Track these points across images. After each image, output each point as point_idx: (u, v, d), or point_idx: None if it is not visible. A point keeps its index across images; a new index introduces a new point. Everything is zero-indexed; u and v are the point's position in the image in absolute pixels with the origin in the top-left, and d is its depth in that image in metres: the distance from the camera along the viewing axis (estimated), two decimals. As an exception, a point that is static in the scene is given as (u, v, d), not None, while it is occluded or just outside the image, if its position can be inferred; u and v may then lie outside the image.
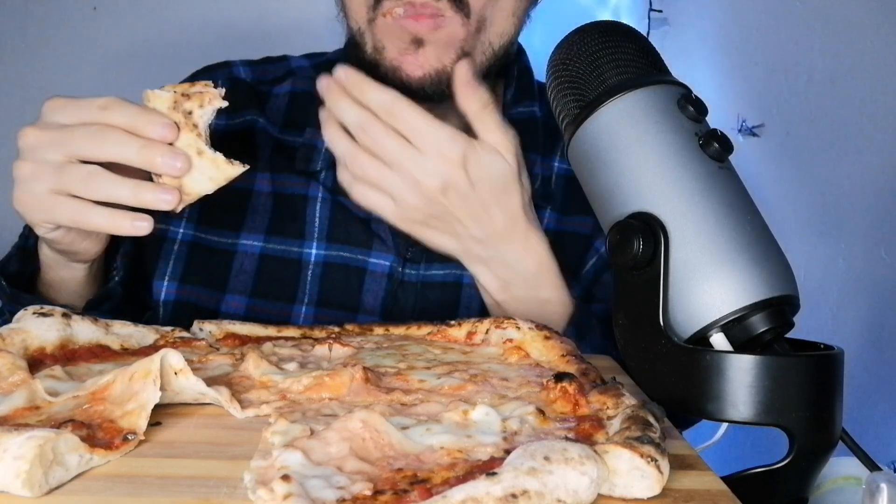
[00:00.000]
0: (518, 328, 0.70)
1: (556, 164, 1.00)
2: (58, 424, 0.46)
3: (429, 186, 0.79)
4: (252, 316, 0.90)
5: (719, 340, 0.60)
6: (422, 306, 0.93)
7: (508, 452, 0.42)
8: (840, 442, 0.59)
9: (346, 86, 0.80)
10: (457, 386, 0.57)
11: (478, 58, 0.88)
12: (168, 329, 0.71)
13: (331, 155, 0.96)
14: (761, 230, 0.62)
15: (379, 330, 0.76)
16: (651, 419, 0.47)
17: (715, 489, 0.44)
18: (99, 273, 0.86)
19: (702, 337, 0.60)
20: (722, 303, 0.59)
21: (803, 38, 1.61)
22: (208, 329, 0.73)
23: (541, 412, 0.50)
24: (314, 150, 0.97)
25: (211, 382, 0.53)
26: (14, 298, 0.81)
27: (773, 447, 0.60)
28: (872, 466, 0.59)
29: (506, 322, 0.71)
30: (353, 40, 0.92)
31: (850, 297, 1.65)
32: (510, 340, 0.69)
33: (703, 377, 0.57)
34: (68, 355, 0.61)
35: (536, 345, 0.67)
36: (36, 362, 0.58)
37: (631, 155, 0.64)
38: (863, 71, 1.61)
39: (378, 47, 0.88)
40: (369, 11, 0.88)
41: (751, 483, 0.57)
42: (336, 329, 0.76)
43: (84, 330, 0.64)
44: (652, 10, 1.56)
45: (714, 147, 0.62)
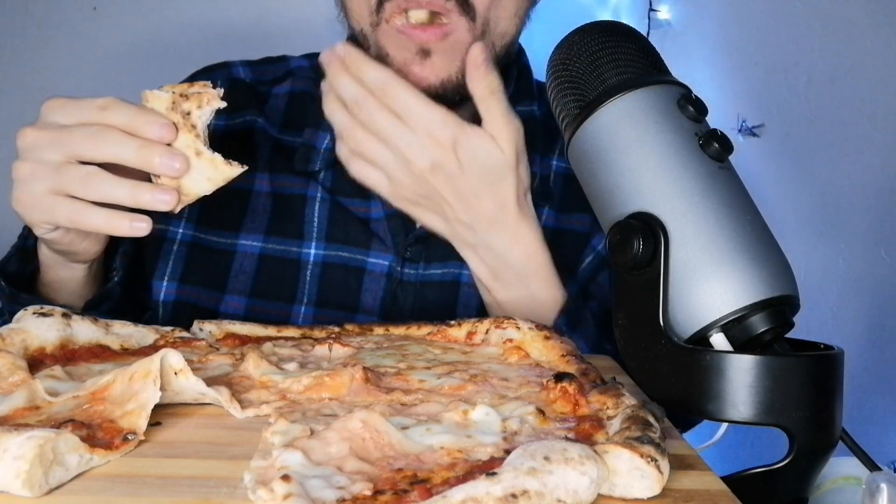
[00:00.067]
0: (518, 328, 0.70)
1: (555, 163, 1.00)
2: (58, 424, 0.46)
3: (418, 166, 0.80)
4: (251, 316, 0.90)
5: (719, 340, 0.60)
6: (421, 306, 0.93)
7: (508, 452, 0.42)
8: (840, 442, 0.59)
9: (345, 59, 0.81)
10: (457, 386, 0.57)
11: None
12: (168, 329, 0.71)
13: (329, 155, 0.96)
14: (761, 230, 0.62)
15: (379, 330, 0.76)
16: (651, 419, 0.47)
17: (715, 489, 0.44)
18: (98, 273, 0.86)
19: (702, 337, 0.60)
20: (722, 303, 0.59)
21: (803, 38, 1.61)
22: (208, 329, 0.73)
23: (541, 412, 0.50)
24: (313, 151, 0.97)
25: (211, 382, 0.53)
26: (13, 299, 0.81)
27: (773, 447, 0.60)
28: (872, 466, 0.59)
29: (506, 322, 0.71)
30: (356, 40, 0.92)
31: (850, 297, 1.65)
32: (510, 340, 0.69)
33: (703, 377, 0.57)
34: (68, 355, 0.61)
35: (536, 345, 0.67)
36: (36, 362, 0.58)
37: (631, 155, 0.64)
38: (863, 71, 1.61)
39: (382, 54, 0.87)
40: (371, 14, 0.87)
41: (751, 483, 0.57)
42: (336, 329, 0.76)
43: (84, 330, 0.64)
44: (652, 10, 1.56)
45: (714, 147, 0.62)
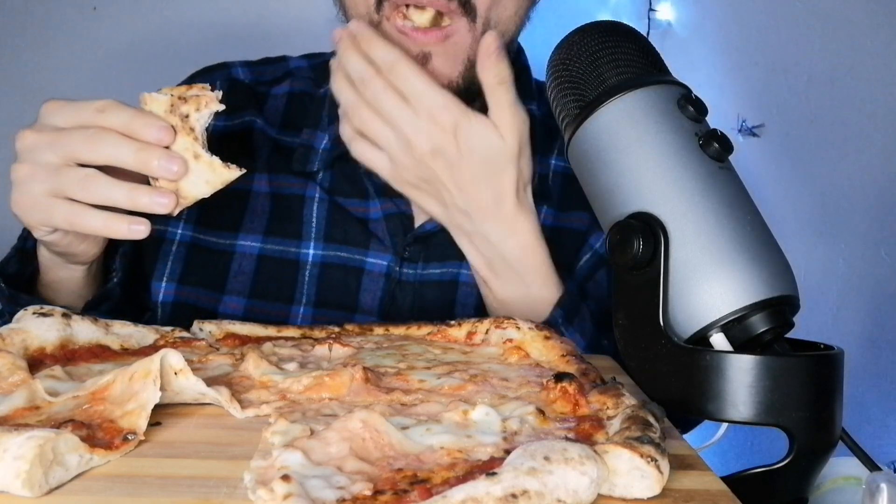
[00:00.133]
0: (518, 328, 0.70)
1: (553, 162, 1.00)
2: (58, 424, 0.46)
3: (419, 148, 0.80)
4: (250, 317, 0.90)
5: (719, 340, 0.60)
6: (419, 305, 0.93)
7: (508, 452, 0.42)
8: (840, 442, 0.59)
9: (357, 36, 0.81)
10: (457, 386, 0.57)
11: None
12: (168, 329, 0.71)
13: (328, 155, 0.96)
14: (761, 230, 0.62)
15: (379, 330, 0.76)
16: (651, 419, 0.47)
17: (715, 489, 0.44)
18: (98, 274, 0.86)
19: (702, 337, 0.60)
20: (722, 303, 0.59)
21: (803, 38, 1.61)
22: (208, 329, 0.73)
23: (541, 412, 0.50)
24: (311, 151, 0.97)
25: (211, 382, 0.53)
26: (13, 299, 0.81)
27: (773, 447, 0.60)
28: (872, 466, 0.59)
29: (506, 322, 0.71)
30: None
31: (850, 297, 1.65)
32: (510, 340, 0.69)
33: (703, 377, 0.57)
34: (68, 355, 0.61)
35: (536, 345, 0.67)
36: (36, 362, 0.58)
37: (631, 155, 0.64)
38: (863, 71, 1.61)
39: None
40: (370, 13, 0.86)
41: (751, 483, 0.57)
42: (336, 329, 0.76)
43: (84, 330, 0.64)
44: (652, 10, 1.56)
45: (714, 147, 0.62)
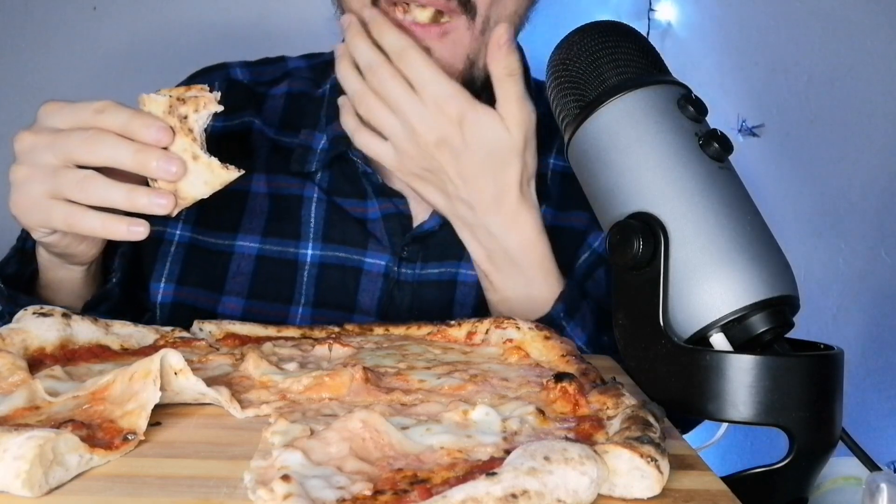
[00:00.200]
0: (518, 328, 0.70)
1: (552, 162, 1.00)
2: (58, 424, 0.46)
3: (424, 137, 0.80)
4: (249, 317, 0.90)
5: (719, 340, 0.60)
6: (418, 305, 0.93)
7: (508, 452, 0.42)
8: (840, 442, 0.59)
9: (368, 22, 0.81)
10: (457, 386, 0.57)
11: (481, 61, 0.87)
12: (168, 329, 0.71)
13: (326, 156, 0.96)
14: (761, 230, 0.62)
15: (379, 330, 0.76)
16: (651, 419, 0.47)
17: (715, 489, 0.44)
18: (97, 274, 0.86)
19: (702, 337, 0.60)
20: (722, 303, 0.59)
21: (803, 38, 1.61)
22: (208, 329, 0.73)
23: (541, 412, 0.50)
24: (310, 151, 0.97)
25: (211, 382, 0.53)
26: (12, 300, 0.81)
27: (773, 447, 0.60)
28: (872, 466, 0.59)
29: (506, 322, 0.71)
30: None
31: (850, 297, 1.65)
32: (510, 340, 0.69)
33: (703, 377, 0.57)
34: (68, 355, 0.61)
35: (536, 345, 0.67)
36: (36, 362, 0.58)
37: (631, 155, 0.64)
38: (863, 71, 1.61)
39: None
40: (366, 7, 0.85)
41: (751, 483, 0.57)
42: (336, 329, 0.76)
43: (84, 330, 0.64)
44: (651, 10, 1.56)
45: (714, 147, 0.62)
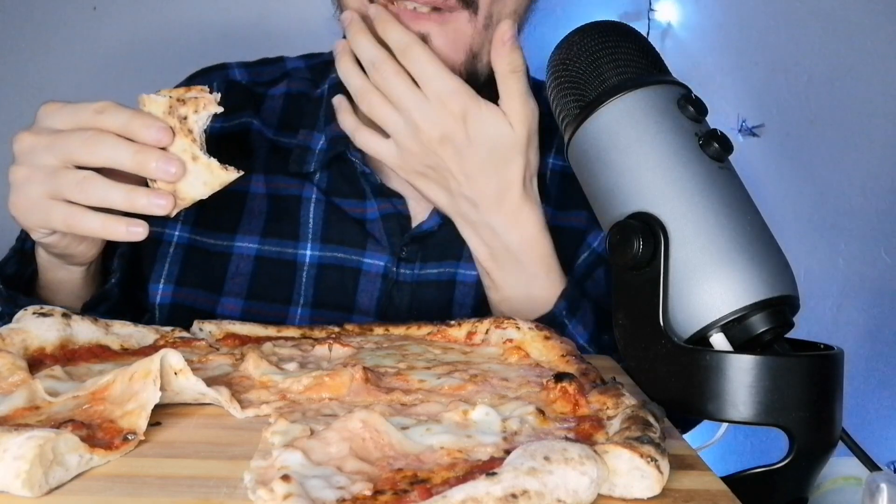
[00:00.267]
0: (518, 328, 0.70)
1: (551, 161, 1.00)
2: (58, 424, 0.46)
3: (428, 134, 0.80)
4: (248, 318, 0.90)
5: (719, 340, 0.60)
6: (417, 306, 0.93)
7: (508, 452, 0.42)
8: (840, 442, 0.59)
9: (372, 18, 0.81)
10: (457, 386, 0.57)
11: (485, 56, 0.87)
12: (168, 329, 0.71)
13: (324, 156, 0.96)
14: (761, 230, 0.62)
15: (379, 330, 0.76)
16: (651, 419, 0.47)
17: (715, 489, 0.44)
18: (97, 275, 0.86)
19: (702, 337, 0.60)
20: (722, 303, 0.59)
21: (803, 38, 1.61)
22: (208, 329, 0.73)
23: (541, 412, 0.50)
24: (308, 152, 0.97)
25: (211, 382, 0.53)
26: (12, 300, 0.81)
27: (773, 447, 0.60)
28: (872, 466, 0.59)
29: (506, 322, 0.71)
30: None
31: (850, 297, 1.65)
32: (510, 340, 0.69)
33: (703, 377, 0.57)
34: (68, 355, 0.61)
35: (536, 345, 0.67)
36: (36, 362, 0.58)
37: (631, 155, 0.64)
38: (863, 71, 1.61)
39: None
40: (363, 5, 0.86)
41: (751, 483, 0.57)
42: (336, 329, 0.76)
43: (84, 330, 0.64)
44: (651, 10, 1.56)
45: (714, 147, 0.62)
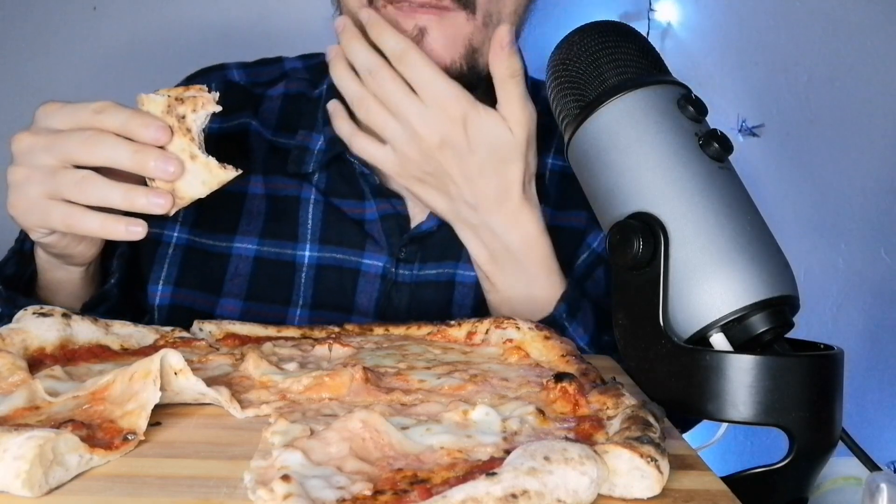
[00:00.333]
0: (518, 328, 0.70)
1: (550, 161, 1.00)
2: (58, 424, 0.46)
3: (427, 140, 0.79)
4: (247, 319, 0.90)
5: (719, 340, 0.60)
6: (416, 306, 0.93)
7: (508, 452, 0.42)
8: (840, 442, 0.59)
9: (366, 23, 0.80)
10: (457, 386, 0.57)
11: (485, 55, 0.86)
12: (168, 329, 0.71)
13: (323, 156, 0.96)
14: (761, 230, 0.62)
15: (379, 330, 0.76)
16: (651, 419, 0.47)
17: (715, 489, 0.44)
18: (96, 275, 0.86)
19: (702, 337, 0.60)
20: (722, 303, 0.59)
21: (803, 38, 1.61)
22: (208, 329, 0.73)
23: (541, 412, 0.50)
24: (306, 152, 0.97)
25: (211, 382, 0.53)
26: (11, 301, 0.81)
27: (773, 447, 0.60)
28: (872, 466, 0.59)
29: (506, 322, 0.71)
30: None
31: (850, 297, 1.65)
32: (510, 340, 0.69)
33: (703, 377, 0.57)
34: (68, 355, 0.61)
35: (536, 345, 0.67)
36: (36, 362, 0.58)
37: (631, 155, 0.64)
38: (863, 71, 1.61)
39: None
40: (363, 6, 0.85)
41: (751, 483, 0.57)
42: (336, 329, 0.76)
43: (84, 330, 0.64)
44: (651, 10, 1.56)
45: (714, 147, 0.62)
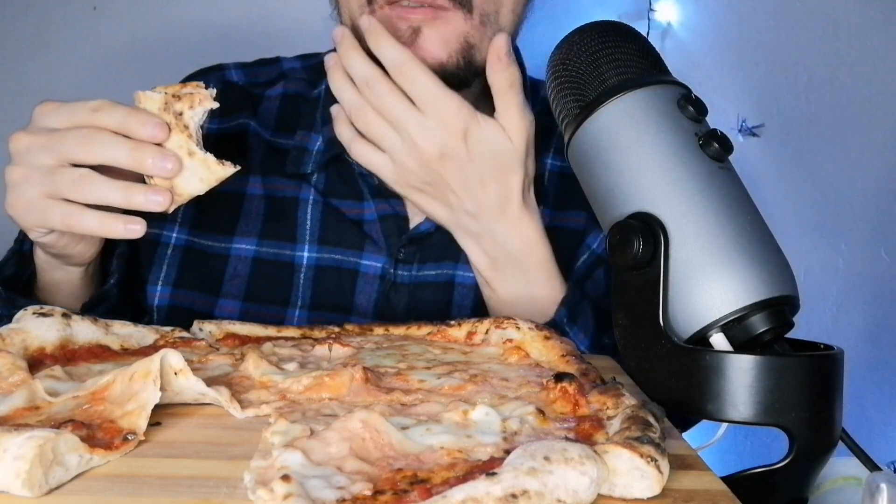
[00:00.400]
0: (518, 328, 0.70)
1: (549, 162, 1.00)
2: (58, 424, 0.46)
3: (427, 152, 0.79)
4: (246, 320, 0.90)
5: (719, 340, 0.60)
6: (415, 307, 0.93)
7: (508, 452, 0.42)
8: (840, 442, 0.59)
9: (364, 31, 0.80)
10: (457, 386, 0.57)
11: (484, 52, 0.86)
12: (168, 329, 0.71)
13: (322, 157, 0.96)
14: (761, 230, 0.62)
15: (379, 330, 0.76)
16: (651, 419, 0.47)
17: (715, 489, 0.44)
18: (95, 275, 0.86)
19: (702, 337, 0.60)
20: (722, 303, 0.59)
21: (803, 38, 1.61)
22: (208, 329, 0.73)
23: (541, 412, 0.50)
24: (305, 153, 0.97)
25: (211, 382, 0.53)
26: (10, 302, 0.81)
27: (773, 447, 0.60)
28: (872, 466, 0.59)
29: (506, 322, 0.71)
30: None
31: (850, 297, 1.65)
32: (510, 340, 0.69)
33: (703, 377, 0.57)
34: (68, 355, 0.61)
35: (536, 345, 0.67)
36: (36, 362, 0.58)
37: (631, 155, 0.64)
38: (863, 71, 1.61)
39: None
40: (362, 6, 0.86)
41: (751, 483, 0.57)
42: (336, 329, 0.76)
43: (84, 330, 0.64)
44: (651, 10, 1.56)
45: (714, 147, 0.62)
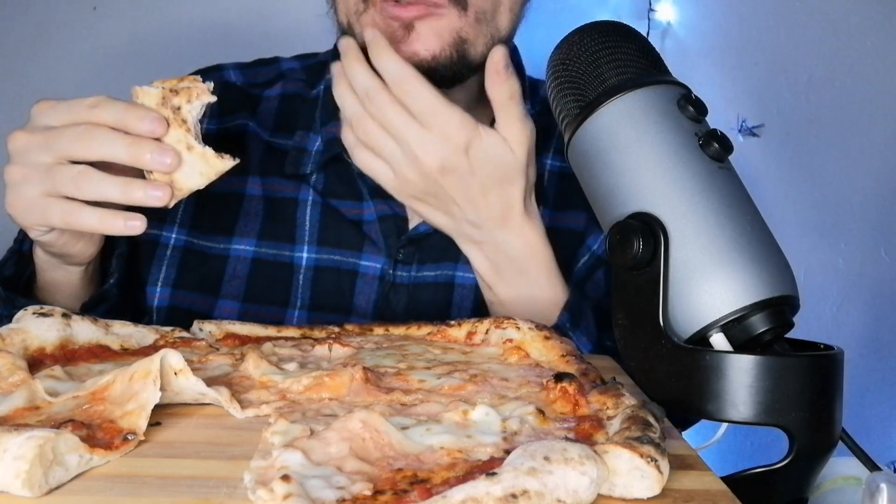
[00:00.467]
0: (518, 328, 0.70)
1: (549, 162, 1.00)
2: (58, 424, 0.46)
3: (428, 165, 0.79)
4: (245, 321, 0.90)
5: (719, 340, 0.60)
6: (414, 308, 0.93)
7: (508, 452, 0.42)
8: (840, 442, 0.59)
9: (367, 43, 0.80)
10: (457, 386, 0.57)
11: (479, 48, 0.86)
12: (168, 329, 0.71)
13: (321, 157, 0.96)
14: (761, 230, 0.62)
15: (379, 330, 0.76)
16: (651, 419, 0.47)
17: (715, 489, 0.44)
18: (95, 275, 0.86)
19: (702, 337, 0.60)
20: (722, 303, 0.59)
21: (803, 38, 1.61)
22: (208, 329, 0.73)
23: (541, 412, 0.50)
24: (304, 153, 0.97)
25: (211, 382, 0.53)
26: (10, 302, 0.81)
27: (773, 447, 0.60)
28: (872, 466, 0.59)
29: (506, 322, 0.71)
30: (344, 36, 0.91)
31: (850, 297, 1.65)
32: (510, 340, 0.69)
33: (703, 377, 0.57)
34: (68, 355, 0.61)
35: (536, 345, 0.67)
36: (36, 362, 0.58)
37: (631, 155, 0.64)
38: (863, 71, 1.61)
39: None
40: (357, 4, 0.86)
41: (751, 483, 0.57)
42: (336, 329, 0.76)
43: (84, 330, 0.64)
44: (651, 10, 1.56)
45: (714, 147, 0.62)
